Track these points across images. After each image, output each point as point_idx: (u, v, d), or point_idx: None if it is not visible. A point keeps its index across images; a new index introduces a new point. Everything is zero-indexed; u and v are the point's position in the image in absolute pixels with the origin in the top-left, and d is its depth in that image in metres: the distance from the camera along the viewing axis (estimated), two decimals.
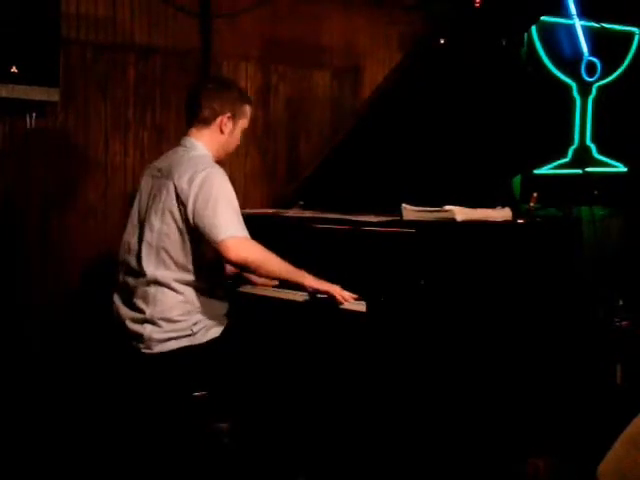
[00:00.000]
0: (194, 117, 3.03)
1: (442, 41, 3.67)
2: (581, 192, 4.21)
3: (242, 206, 4.18)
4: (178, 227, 2.86)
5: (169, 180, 2.88)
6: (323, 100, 4.67)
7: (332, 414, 3.11)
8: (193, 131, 3.03)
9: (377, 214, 3.28)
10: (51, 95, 3.63)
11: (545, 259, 3.27)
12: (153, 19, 4.09)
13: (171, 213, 2.86)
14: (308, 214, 3.65)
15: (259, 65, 4.44)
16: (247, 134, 4.32)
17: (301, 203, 3.93)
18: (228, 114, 3.02)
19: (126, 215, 3.98)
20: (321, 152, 4.18)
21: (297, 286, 2.98)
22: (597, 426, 3.25)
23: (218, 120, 3.01)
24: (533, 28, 4.28)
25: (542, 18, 4.12)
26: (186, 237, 2.86)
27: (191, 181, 2.83)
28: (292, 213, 3.76)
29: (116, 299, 3.03)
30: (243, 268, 2.96)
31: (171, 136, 4.16)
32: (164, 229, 2.87)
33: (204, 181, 2.83)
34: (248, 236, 2.86)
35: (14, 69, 3.47)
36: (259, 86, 4.45)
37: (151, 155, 4.08)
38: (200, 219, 2.81)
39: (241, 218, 2.88)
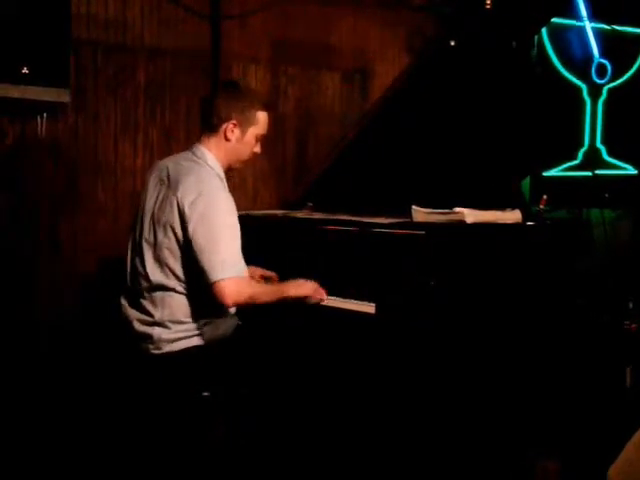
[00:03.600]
0: (204, 123, 3.01)
1: (452, 43, 3.67)
2: (591, 194, 4.21)
3: (251, 207, 4.26)
4: (179, 243, 2.84)
5: (174, 195, 2.85)
6: (332, 101, 4.68)
7: (341, 414, 3.11)
8: (204, 138, 3.01)
9: (387, 216, 3.28)
10: (62, 96, 3.64)
11: (555, 261, 3.27)
12: (163, 20, 4.10)
13: (173, 229, 2.84)
14: (317, 215, 3.64)
15: (268, 67, 4.45)
16: None
17: (310, 204, 3.93)
18: (233, 121, 2.96)
19: (133, 215, 4.04)
20: (330, 153, 4.18)
21: None
22: (607, 429, 3.25)
23: (223, 127, 2.97)
24: (543, 30, 4.28)
25: (552, 20, 4.12)
26: (187, 252, 2.83)
27: (193, 205, 2.80)
28: (301, 214, 3.75)
29: (123, 302, 3.03)
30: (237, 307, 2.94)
31: (180, 137, 4.17)
32: (165, 243, 2.86)
33: (206, 209, 2.80)
34: (242, 273, 2.82)
35: (25, 70, 3.48)
36: (268, 88, 4.45)
37: (160, 156, 4.05)
38: (198, 252, 2.78)
39: (239, 250, 2.83)
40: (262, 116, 3.04)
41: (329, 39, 4.62)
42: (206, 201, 2.81)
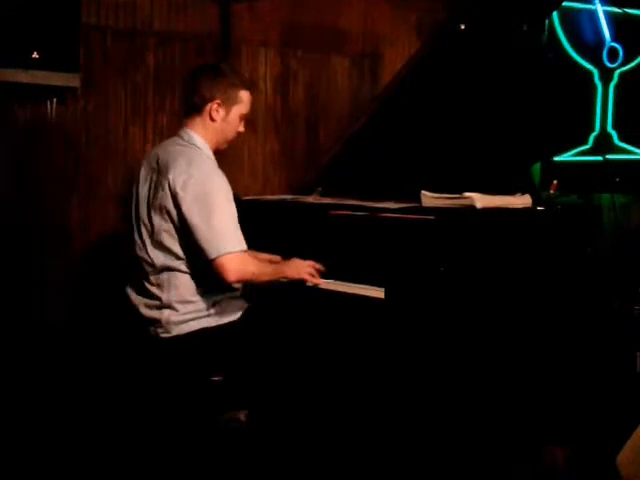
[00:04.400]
0: (187, 105, 3.03)
1: (462, 27, 3.65)
2: (602, 179, 4.19)
3: (261, 192, 4.26)
4: (175, 225, 2.87)
5: (165, 177, 2.88)
6: (342, 86, 4.67)
7: (350, 400, 3.12)
8: (188, 120, 3.03)
9: (396, 201, 3.28)
10: (71, 81, 3.65)
11: (565, 246, 3.26)
12: (172, 4, 4.09)
13: (168, 211, 2.87)
14: (327, 200, 3.64)
15: (278, 51, 4.44)
16: (266, 120, 4.38)
17: (320, 189, 3.92)
18: (217, 100, 2.98)
19: None
20: (340, 138, 4.17)
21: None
22: (616, 415, 3.24)
23: (208, 107, 2.98)
24: (554, 13, 4.25)
25: (564, 3, 4.09)
26: (184, 233, 2.86)
27: (185, 185, 2.83)
28: (311, 199, 3.75)
29: (129, 290, 3.06)
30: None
31: None
32: (163, 226, 2.89)
33: (199, 189, 2.83)
34: (242, 248, 2.86)
35: (35, 55, 3.49)
36: (278, 72, 4.44)
37: None
38: (195, 230, 2.82)
39: (237, 225, 2.87)
40: (245, 95, 3.06)
41: (339, 23, 4.60)
42: (199, 181, 2.84)
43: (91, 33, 3.84)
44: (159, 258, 2.91)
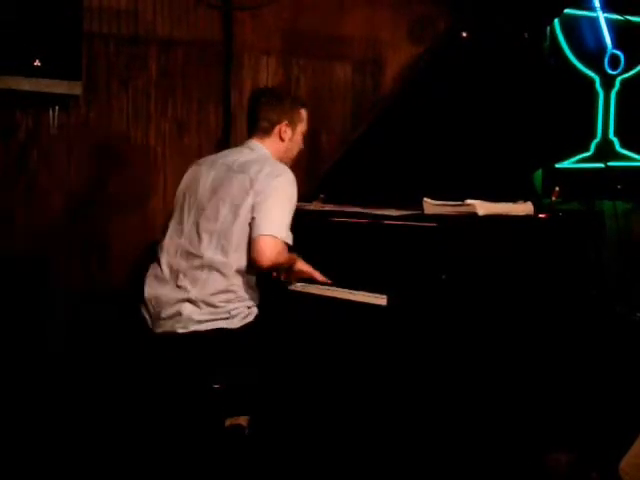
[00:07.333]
0: (255, 128, 3.17)
1: (464, 34, 3.66)
2: (604, 186, 4.19)
3: None
4: (244, 219, 2.94)
5: (244, 174, 2.99)
6: (344, 92, 4.67)
7: (353, 406, 3.12)
8: (255, 139, 3.17)
9: (398, 208, 3.28)
10: (74, 88, 3.66)
11: (567, 253, 3.26)
12: (175, 11, 4.10)
13: (238, 203, 2.95)
14: (329, 207, 3.65)
15: (280, 58, 4.44)
16: None
17: (322, 196, 3.92)
18: (285, 122, 3.16)
19: (146, 207, 4.05)
20: (342, 145, 4.17)
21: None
22: (620, 421, 3.24)
23: (277, 129, 3.15)
24: (556, 21, 4.27)
25: (565, 11, 4.10)
26: (248, 225, 2.94)
27: (270, 176, 2.97)
28: (313, 206, 3.76)
29: (153, 282, 3.06)
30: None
31: (192, 128, 4.17)
32: (229, 217, 2.95)
33: (281, 181, 2.98)
34: (288, 240, 2.95)
35: (37, 63, 3.50)
36: (280, 79, 4.44)
37: (172, 147, 4.10)
38: (255, 208, 2.93)
39: (290, 224, 2.98)
40: (304, 112, 3.26)
41: (341, 29, 4.60)
42: (283, 177, 3.00)
43: (93, 40, 3.85)
44: (209, 252, 2.95)
